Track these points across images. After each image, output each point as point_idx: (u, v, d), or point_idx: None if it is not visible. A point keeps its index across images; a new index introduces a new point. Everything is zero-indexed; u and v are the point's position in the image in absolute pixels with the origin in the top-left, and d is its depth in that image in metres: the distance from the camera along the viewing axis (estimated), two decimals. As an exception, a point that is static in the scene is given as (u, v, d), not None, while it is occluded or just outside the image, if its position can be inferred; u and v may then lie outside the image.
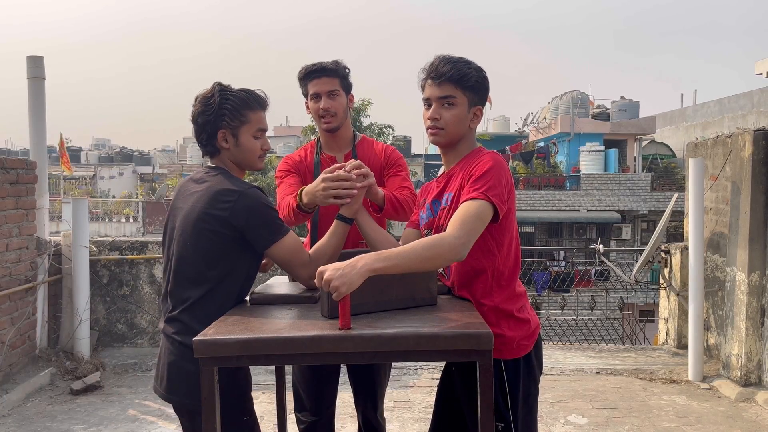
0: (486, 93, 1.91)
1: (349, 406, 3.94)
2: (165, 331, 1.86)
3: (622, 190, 21.83)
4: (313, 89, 2.40)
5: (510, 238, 1.86)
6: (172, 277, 1.87)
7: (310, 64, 2.42)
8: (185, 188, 1.96)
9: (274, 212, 1.86)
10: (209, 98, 1.89)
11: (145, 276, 5.28)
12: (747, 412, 4.00)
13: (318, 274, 1.54)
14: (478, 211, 1.70)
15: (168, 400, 1.87)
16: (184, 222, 1.86)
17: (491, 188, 1.73)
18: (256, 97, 1.94)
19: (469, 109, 1.87)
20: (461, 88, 1.83)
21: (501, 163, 1.81)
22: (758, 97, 21.25)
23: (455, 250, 1.64)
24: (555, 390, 4.38)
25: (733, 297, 4.44)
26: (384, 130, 19.54)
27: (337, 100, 2.41)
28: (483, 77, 1.88)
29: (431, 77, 1.85)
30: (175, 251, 1.87)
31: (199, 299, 1.81)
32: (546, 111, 27.58)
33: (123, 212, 27.10)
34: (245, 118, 1.91)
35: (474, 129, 1.93)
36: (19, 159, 4.70)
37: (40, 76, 5.08)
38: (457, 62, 1.86)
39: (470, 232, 1.67)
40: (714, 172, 4.91)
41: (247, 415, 1.89)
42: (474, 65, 1.88)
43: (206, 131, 1.90)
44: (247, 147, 1.93)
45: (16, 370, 4.44)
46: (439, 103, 1.85)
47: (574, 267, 18.67)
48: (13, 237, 4.46)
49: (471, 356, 1.56)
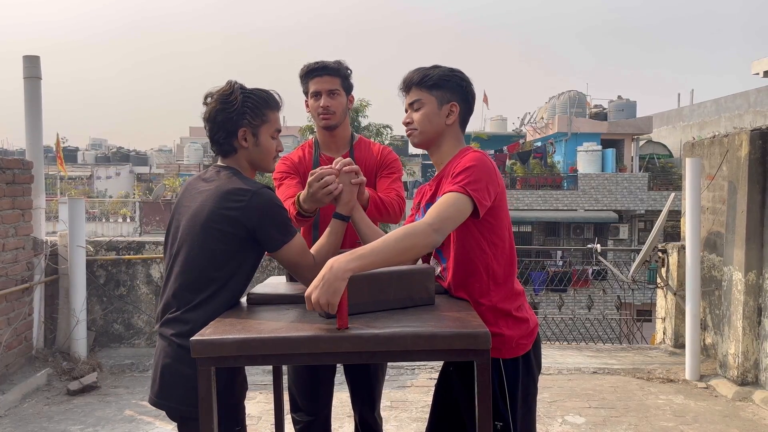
0: (458, 89, 1.92)
1: (346, 406, 3.94)
2: (163, 332, 1.81)
3: (620, 189, 21.86)
4: (314, 87, 2.40)
5: (502, 237, 1.86)
6: (176, 277, 1.82)
7: (312, 63, 2.42)
8: (193, 186, 1.92)
9: (285, 213, 1.84)
10: (229, 95, 1.85)
11: (142, 276, 5.27)
12: (744, 411, 4.01)
13: (306, 300, 1.54)
14: (455, 202, 1.71)
15: (160, 407, 1.81)
16: (192, 221, 1.82)
17: (471, 183, 1.74)
18: (274, 97, 1.93)
19: (440, 107, 1.90)
20: (425, 89, 1.90)
21: (484, 161, 1.82)
22: (755, 96, 21.30)
23: (428, 236, 1.64)
24: (552, 389, 4.38)
25: (730, 296, 4.45)
26: (382, 131, 19.54)
27: (337, 99, 2.41)
28: (447, 75, 1.91)
29: (401, 89, 1.96)
30: (182, 251, 1.83)
31: (204, 300, 1.78)
32: (543, 111, 27.61)
33: (120, 212, 27.05)
34: (266, 117, 1.90)
35: (453, 126, 1.93)
36: (16, 159, 4.68)
37: (37, 76, 5.06)
38: (421, 69, 1.93)
39: (445, 220, 1.68)
40: (711, 171, 4.91)
41: (239, 425, 1.86)
42: (441, 67, 1.93)
43: (225, 129, 1.87)
44: (266, 147, 1.92)
45: (12, 370, 4.43)
46: (411, 108, 1.94)
47: (571, 267, 18.68)
48: (10, 237, 4.45)
49: (468, 356, 1.56)
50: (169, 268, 1.88)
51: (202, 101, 1.90)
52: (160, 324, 1.84)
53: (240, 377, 1.87)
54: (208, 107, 1.88)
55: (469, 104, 1.96)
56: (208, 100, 1.89)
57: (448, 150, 1.94)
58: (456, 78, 1.92)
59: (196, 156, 31.46)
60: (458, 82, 1.92)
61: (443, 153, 1.94)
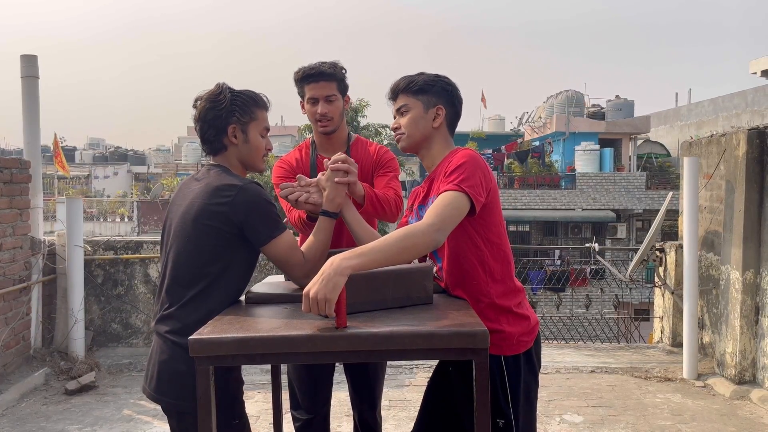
0: (443, 93, 1.95)
1: (345, 405, 3.94)
2: (158, 329, 1.84)
3: (617, 189, 21.89)
4: (310, 93, 2.39)
5: (496, 233, 1.87)
6: (168, 273, 1.86)
7: (307, 67, 2.40)
8: (186, 186, 1.96)
9: (273, 208, 1.85)
10: (218, 95, 1.91)
11: (140, 276, 5.26)
12: (741, 409, 4.02)
13: (304, 298, 1.53)
14: (453, 201, 1.72)
15: (156, 401, 1.85)
16: (183, 218, 1.85)
17: (465, 180, 1.75)
18: (261, 97, 1.99)
19: (426, 110, 1.94)
20: (410, 94, 1.95)
21: (475, 158, 1.83)
22: (752, 96, 21.33)
23: (430, 236, 1.65)
24: (550, 388, 4.39)
25: (728, 295, 4.46)
26: (380, 130, 19.57)
27: (334, 105, 2.39)
28: (432, 80, 1.95)
29: (388, 97, 2.02)
30: (173, 248, 1.86)
31: (195, 296, 1.80)
32: (541, 110, 27.64)
33: (118, 212, 27.00)
34: (254, 115, 1.94)
35: (441, 129, 1.96)
36: (13, 158, 4.67)
37: (34, 75, 5.06)
38: (406, 76, 1.98)
39: (445, 219, 1.68)
40: (708, 170, 4.92)
41: (237, 418, 1.87)
42: (427, 74, 1.97)
43: (215, 126, 1.91)
44: (255, 144, 1.95)
45: (10, 370, 4.42)
46: (398, 114, 1.99)
47: (569, 266, 18.70)
48: (7, 237, 4.44)
49: (467, 355, 1.56)
50: (163, 266, 1.91)
51: (192, 105, 1.95)
52: (155, 321, 1.87)
53: (235, 372, 1.88)
54: (197, 108, 1.93)
55: (455, 108, 1.98)
56: (197, 103, 1.94)
57: (437, 152, 1.96)
58: (441, 83, 1.96)
59: (194, 156, 31.40)
60: (443, 86, 1.96)
61: (433, 155, 1.96)
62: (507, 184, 22.65)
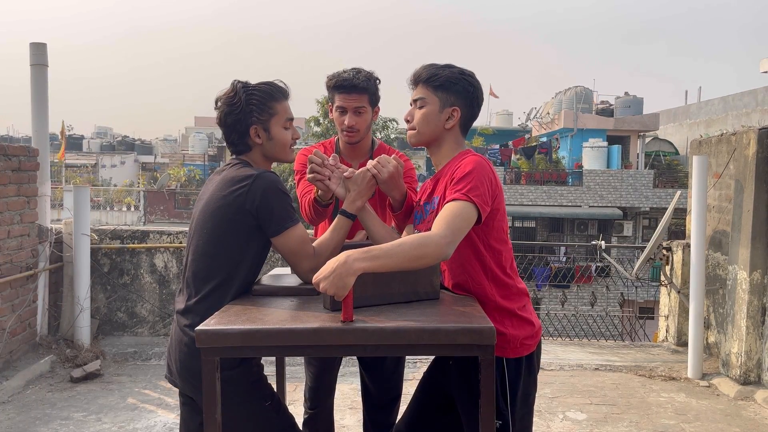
0: (464, 93, 1.89)
1: (348, 399, 3.95)
2: (179, 321, 1.85)
3: (625, 186, 21.82)
4: (340, 102, 2.31)
5: (499, 239, 1.86)
6: (189, 266, 1.88)
7: (340, 76, 2.31)
8: (210, 181, 1.98)
9: (288, 198, 1.85)
10: (233, 97, 1.88)
11: (146, 265, 5.28)
12: (746, 410, 4.00)
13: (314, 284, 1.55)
14: (462, 212, 1.71)
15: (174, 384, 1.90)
16: (203, 212, 1.87)
17: (473, 189, 1.74)
18: (279, 87, 1.94)
19: (441, 109, 1.89)
20: (431, 88, 1.89)
21: (483, 165, 1.81)
22: (763, 95, 21.18)
23: (441, 249, 1.64)
24: (554, 385, 4.38)
25: (734, 295, 4.44)
26: (388, 124, 19.58)
27: (363, 117, 2.33)
28: (456, 77, 1.88)
29: (409, 82, 1.95)
30: (194, 240, 1.88)
31: (213, 289, 1.81)
32: (549, 106, 27.52)
33: (124, 201, 27.12)
34: (273, 110, 1.91)
35: (453, 130, 1.92)
36: (21, 146, 4.68)
37: (43, 63, 5.06)
38: (432, 66, 1.91)
39: (455, 231, 1.68)
40: (717, 169, 4.89)
41: (267, 400, 1.87)
42: (453, 68, 1.90)
43: (237, 130, 1.90)
44: (279, 139, 1.93)
45: (16, 357, 4.45)
46: (414, 105, 1.93)
47: (574, 263, 18.69)
48: (15, 224, 4.46)
49: (473, 351, 1.56)
50: (186, 258, 1.93)
51: (214, 106, 1.94)
52: (177, 311, 1.88)
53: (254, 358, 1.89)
54: (218, 112, 1.92)
55: (473, 110, 1.93)
56: (218, 104, 1.92)
57: (447, 152, 1.94)
58: (464, 82, 1.90)
59: (201, 146, 31.45)
60: (466, 86, 1.90)
61: (442, 154, 1.95)
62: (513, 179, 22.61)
